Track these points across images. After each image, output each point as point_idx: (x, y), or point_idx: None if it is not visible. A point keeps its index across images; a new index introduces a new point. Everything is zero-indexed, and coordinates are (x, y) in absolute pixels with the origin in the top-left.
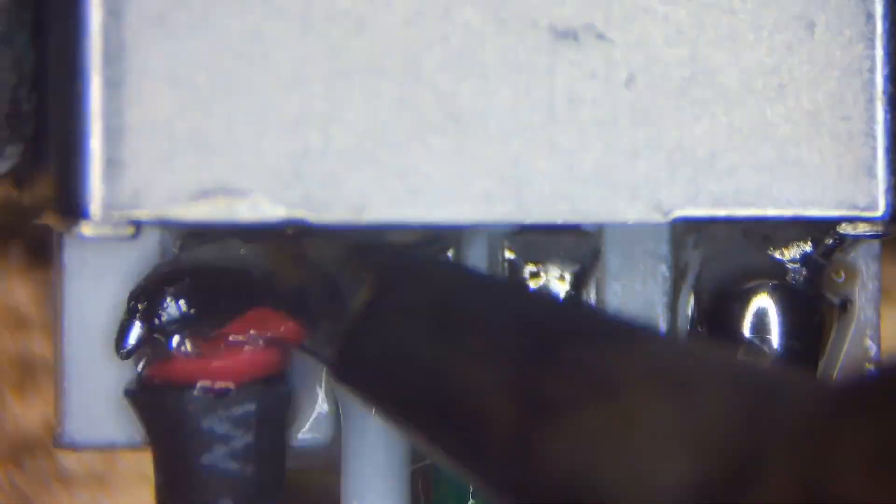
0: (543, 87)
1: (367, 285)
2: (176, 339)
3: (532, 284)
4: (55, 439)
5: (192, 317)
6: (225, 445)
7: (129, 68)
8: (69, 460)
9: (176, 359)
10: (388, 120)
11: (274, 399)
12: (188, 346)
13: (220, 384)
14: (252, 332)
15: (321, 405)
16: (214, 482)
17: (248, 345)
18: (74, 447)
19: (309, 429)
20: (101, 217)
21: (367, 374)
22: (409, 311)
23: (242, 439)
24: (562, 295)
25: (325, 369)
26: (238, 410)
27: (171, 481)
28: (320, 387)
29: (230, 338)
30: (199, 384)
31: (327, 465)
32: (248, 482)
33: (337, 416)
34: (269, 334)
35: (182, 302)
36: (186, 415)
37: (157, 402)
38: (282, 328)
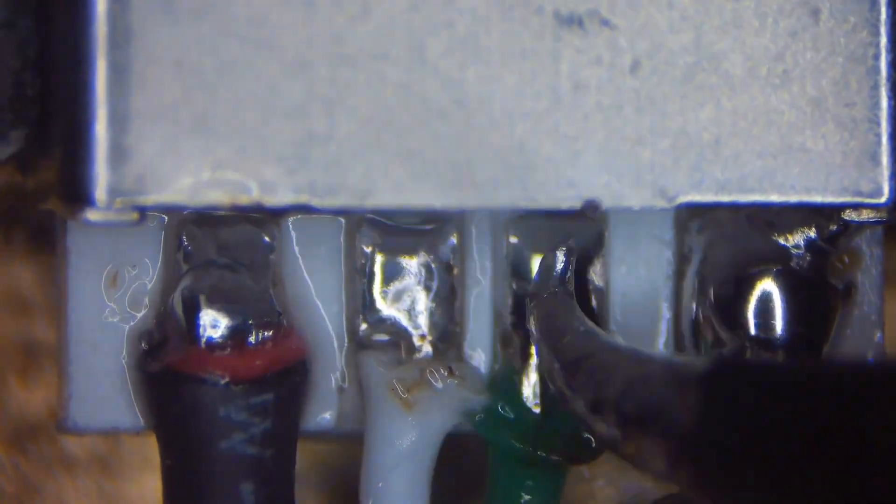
0: (548, 73)
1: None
2: (206, 331)
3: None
4: (59, 424)
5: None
6: (244, 432)
7: (135, 54)
8: (72, 444)
9: (202, 349)
10: (392, 105)
11: (294, 387)
12: (217, 337)
13: (243, 376)
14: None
15: (332, 389)
16: (235, 466)
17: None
18: (78, 431)
19: (319, 412)
20: (106, 203)
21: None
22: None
23: (261, 426)
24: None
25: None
26: (259, 399)
27: (187, 466)
28: (332, 372)
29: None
30: (223, 375)
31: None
32: (267, 465)
33: (341, 406)
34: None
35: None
36: (210, 403)
37: (182, 389)
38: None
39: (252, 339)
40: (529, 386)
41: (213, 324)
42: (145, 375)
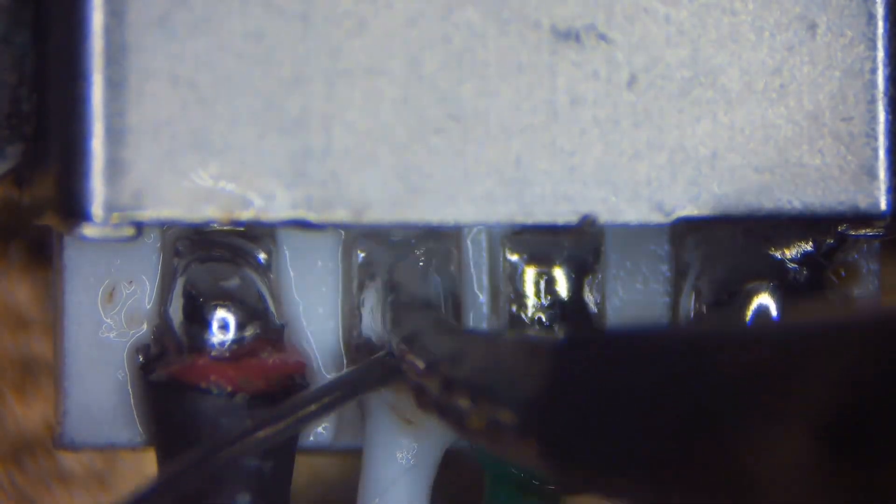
0: (545, 88)
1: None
2: (214, 340)
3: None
4: (55, 439)
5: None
6: None
7: (131, 69)
8: (69, 460)
9: (206, 358)
10: (389, 120)
11: None
12: (222, 348)
13: (247, 387)
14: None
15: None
16: (234, 477)
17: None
18: (74, 447)
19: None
20: (103, 218)
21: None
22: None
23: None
24: (565, 293)
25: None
26: (262, 412)
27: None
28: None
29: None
30: (227, 387)
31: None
32: (265, 477)
33: (338, 420)
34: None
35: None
36: (213, 414)
37: (185, 398)
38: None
39: (256, 350)
40: None
41: (220, 327)
42: (148, 384)
